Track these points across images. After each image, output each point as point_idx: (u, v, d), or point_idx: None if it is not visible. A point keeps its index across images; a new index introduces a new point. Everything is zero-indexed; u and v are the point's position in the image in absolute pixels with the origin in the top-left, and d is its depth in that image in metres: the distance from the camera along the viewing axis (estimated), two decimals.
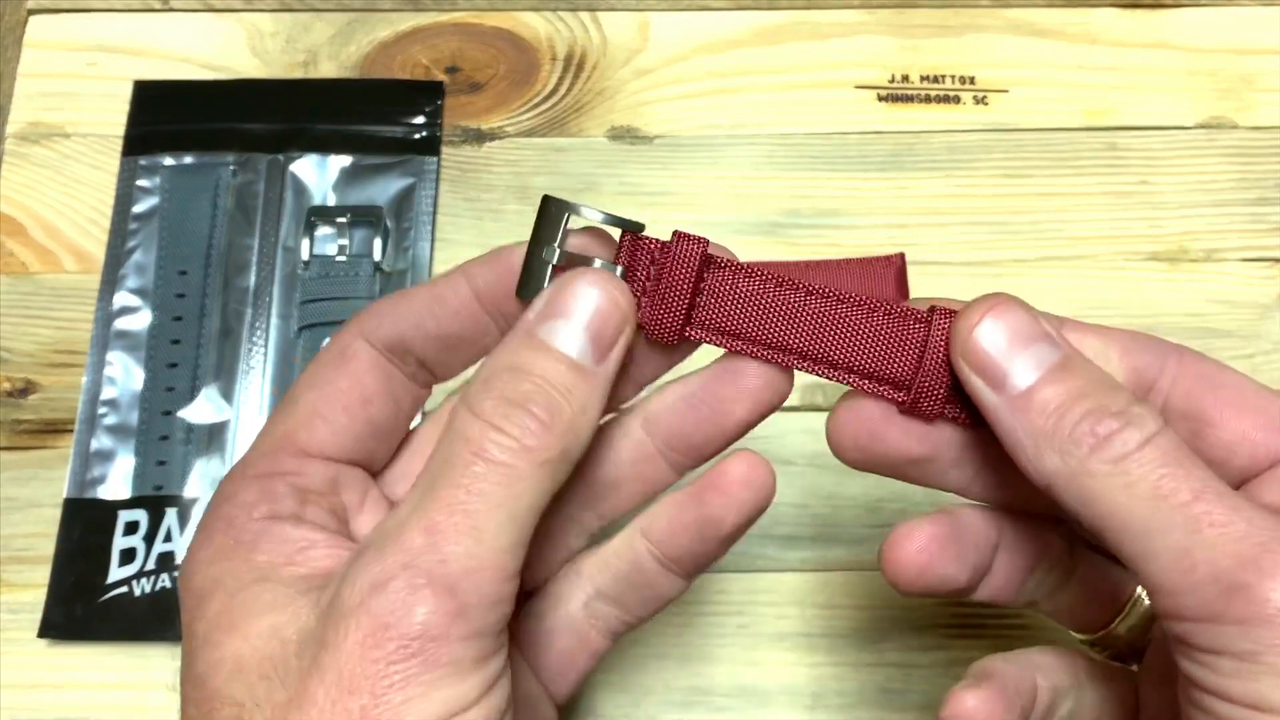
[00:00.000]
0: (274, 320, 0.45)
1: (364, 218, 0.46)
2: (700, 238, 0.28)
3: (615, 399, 0.29)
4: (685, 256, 0.28)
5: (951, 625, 0.42)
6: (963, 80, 0.50)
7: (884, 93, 0.49)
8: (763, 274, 0.28)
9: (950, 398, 0.28)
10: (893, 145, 0.49)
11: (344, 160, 0.48)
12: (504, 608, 0.24)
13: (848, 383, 0.28)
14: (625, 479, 0.30)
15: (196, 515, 0.43)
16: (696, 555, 0.30)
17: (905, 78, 0.50)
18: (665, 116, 0.49)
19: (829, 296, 0.28)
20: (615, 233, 0.29)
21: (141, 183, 0.47)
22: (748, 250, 0.47)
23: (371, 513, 0.29)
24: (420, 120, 0.49)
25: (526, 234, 0.48)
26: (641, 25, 0.51)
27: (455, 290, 0.29)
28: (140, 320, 0.45)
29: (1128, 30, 0.50)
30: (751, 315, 0.28)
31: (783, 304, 0.28)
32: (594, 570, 0.31)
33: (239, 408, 0.44)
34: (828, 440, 0.30)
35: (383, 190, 0.47)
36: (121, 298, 0.46)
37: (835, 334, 0.28)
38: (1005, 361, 0.26)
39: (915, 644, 0.41)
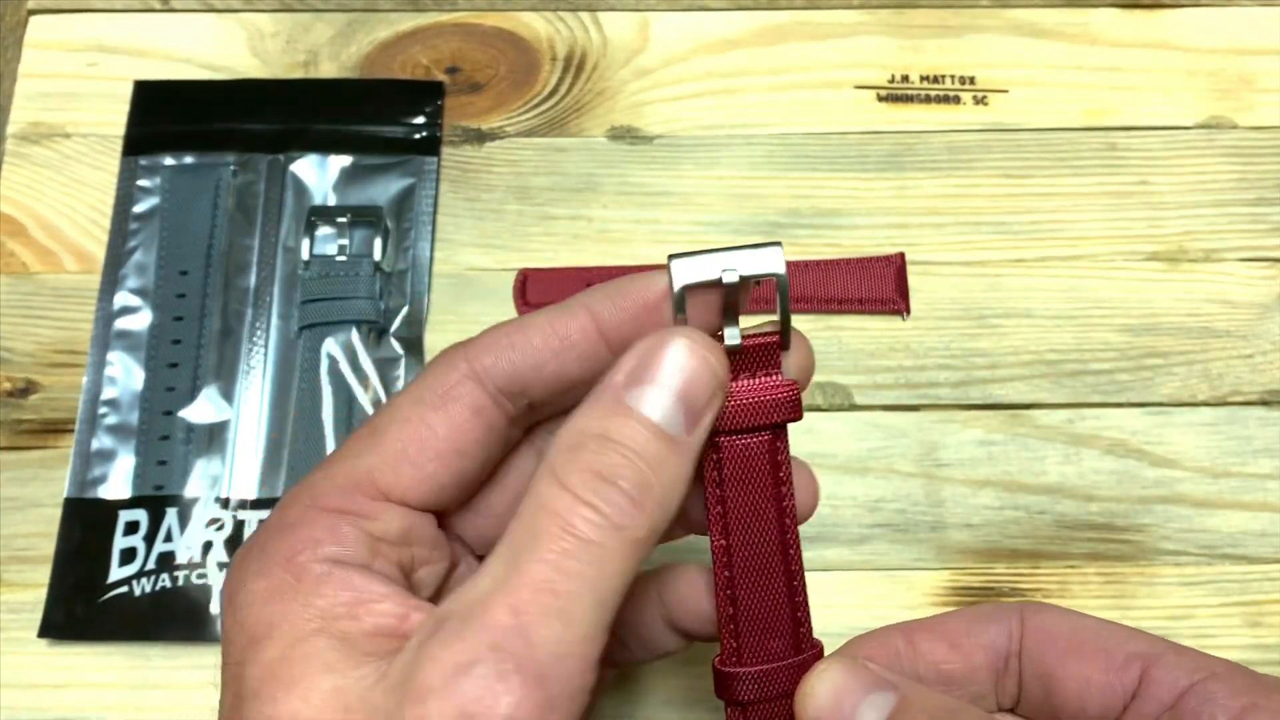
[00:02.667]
0: (274, 320, 0.45)
1: (364, 218, 0.46)
2: (799, 409, 0.27)
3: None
4: (775, 403, 0.27)
5: None
6: (963, 80, 0.50)
7: (884, 93, 0.49)
8: (782, 482, 0.28)
9: (746, 708, 0.28)
10: (892, 145, 0.49)
11: (344, 160, 0.48)
12: (585, 699, 0.23)
13: (719, 607, 0.28)
14: (644, 634, 0.31)
15: (197, 515, 0.43)
16: (697, 633, 0.30)
17: (905, 78, 0.50)
18: (665, 116, 0.49)
19: (784, 551, 0.28)
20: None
21: (142, 183, 0.47)
22: None
23: (438, 563, 0.27)
24: (420, 120, 0.49)
25: (526, 234, 0.48)
26: (641, 25, 0.51)
27: (579, 326, 0.26)
28: (141, 320, 0.45)
29: (1127, 30, 0.50)
30: (742, 489, 0.27)
31: (762, 513, 0.27)
32: None
33: (239, 408, 0.44)
34: None
35: (383, 190, 0.47)
36: (122, 298, 0.46)
37: (757, 574, 0.28)
38: None
39: None
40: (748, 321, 0.28)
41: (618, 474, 0.24)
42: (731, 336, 0.27)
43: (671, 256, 0.26)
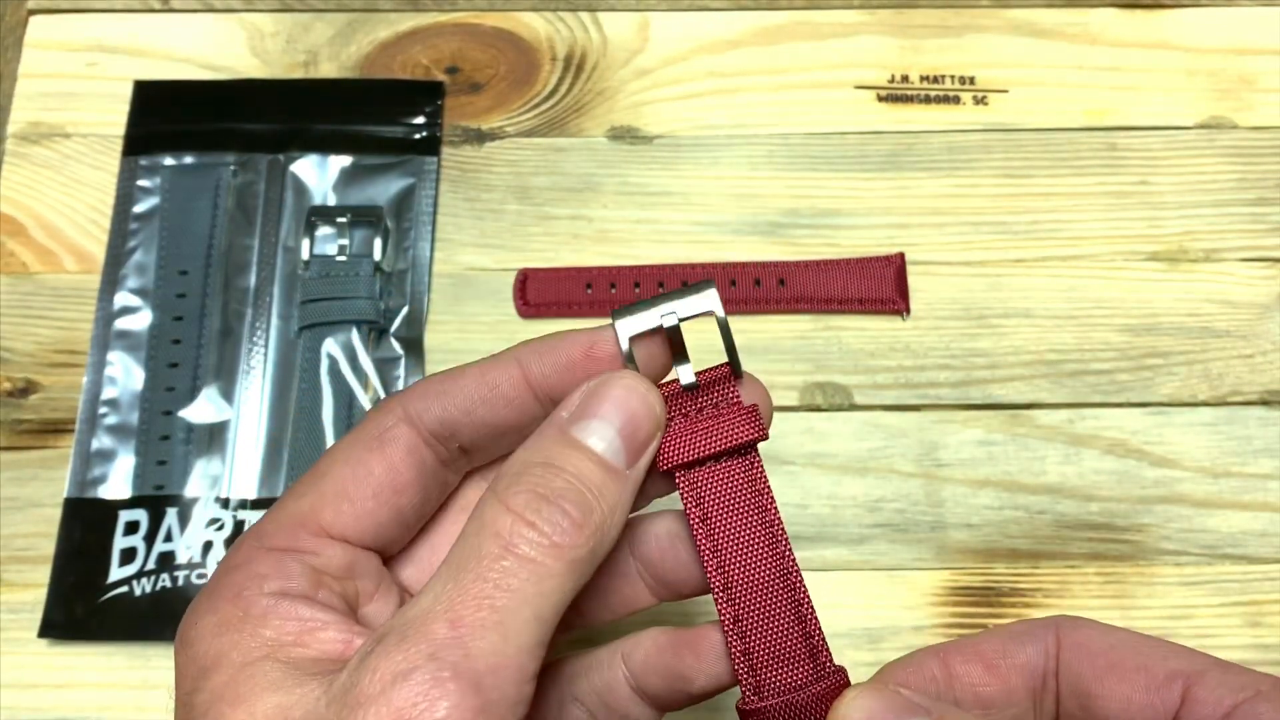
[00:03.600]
0: (274, 320, 0.45)
1: (364, 218, 0.46)
2: (763, 429, 0.28)
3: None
4: (737, 426, 0.28)
5: (951, 626, 0.42)
6: (962, 80, 0.50)
7: (884, 93, 0.49)
8: (765, 505, 0.28)
9: None
10: (892, 145, 0.49)
11: (344, 160, 0.48)
12: (522, 710, 0.24)
13: (728, 645, 0.28)
14: (605, 590, 0.30)
15: (197, 515, 0.43)
16: (664, 699, 0.30)
17: (905, 78, 0.50)
18: (665, 116, 0.49)
19: (784, 576, 0.28)
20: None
21: (142, 183, 0.47)
22: (748, 250, 0.47)
23: (384, 600, 0.28)
24: (420, 120, 0.49)
25: (526, 234, 0.48)
26: (641, 25, 0.51)
27: (508, 377, 0.28)
28: (141, 320, 0.45)
29: (1127, 30, 0.50)
30: (726, 519, 0.28)
31: (753, 540, 0.28)
32: (575, 674, 0.31)
33: (239, 407, 0.44)
34: None
35: (383, 190, 0.47)
36: (122, 298, 0.46)
37: (760, 605, 0.28)
38: None
39: (915, 644, 0.41)
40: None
41: (561, 496, 0.25)
42: (685, 374, 0.28)
43: (614, 313, 0.28)
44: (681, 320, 0.28)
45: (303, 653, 0.25)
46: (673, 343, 0.28)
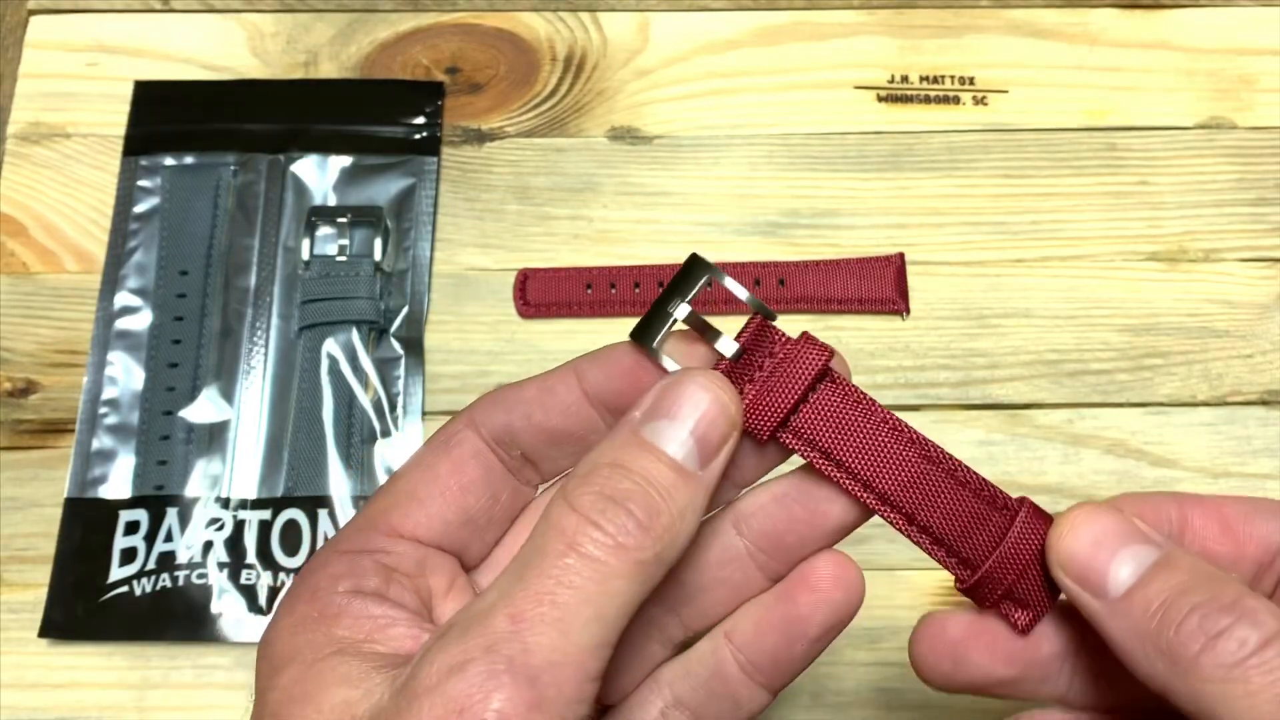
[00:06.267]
0: (274, 320, 0.45)
1: (364, 218, 0.46)
2: (827, 347, 0.27)
3: (712, 501, 0.29)
4: (804, 361, 0.27)
5: None
6: (962, 81, 0.50)
7: (884, 93, 0.49)
8: (870, 408, 0.27)
9: (1009, 594, 0.28)
10: (892, 145, 0.49)
11: (344, 160, 0.48)
12: (582, 709, 0.23)
13: (918, 542, 0.28)
14: (713, 582, 0.29)
15: (197, 515, 0.43)
16: (780, 660, 0.29)
17: (905, 78, 0.50)
18: (665, 116, 0.49)
19: (925, 454, 0.27)
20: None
21: (142, 183, 0.47)
22: (748, 250, 0.47)
23: (457, 600, 0.28)
24: (420, 120, 0.49)
25: (526, 234, 0.48)
26: (641, 25, 0.51)
27: (565, 385, 0.28)
28: (141, 320, 0.45)
29: (1127, 30, 0.51)
30: (847, 442, 0.27)
31: (880, 444, 0.27)
32: (675, 677, 0.30)
33: (239, 408, 0.44)
34: (912, 663, 0.29)
35: (383, 190, 0.47)
36: (122, 298, 0.46)
37: (920, 492, 0.27)
38: (1103, 566, 0.26)
39: None
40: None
41: (627, 497, 0.24)
42: (726, 347, 0.27)
43: (631, 334, 0.28)
44: (692, 305, 0.27)
45: (373, 648, 0.25)
46: (698, 328, 0.27)
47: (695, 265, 0.28)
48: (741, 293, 0.28)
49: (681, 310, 0.27)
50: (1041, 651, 0.28)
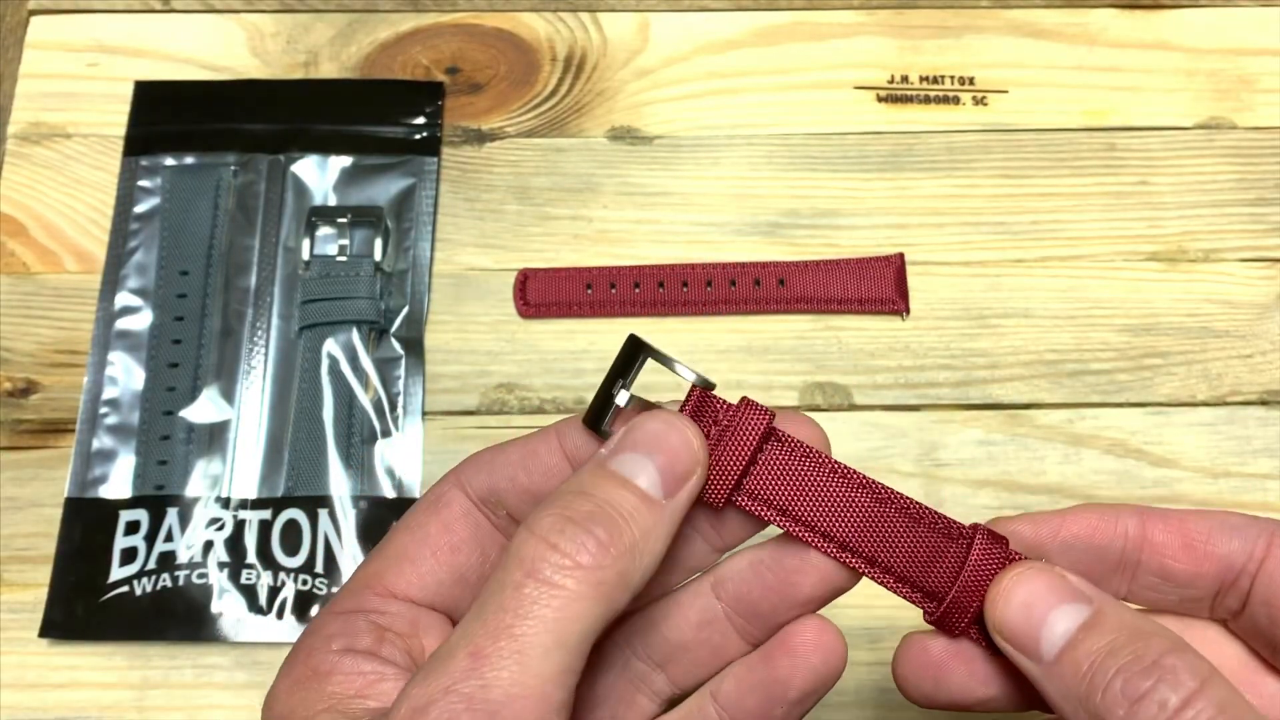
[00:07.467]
0: (275, 320, 0.45)
1: (364, 218, 0.46)
2: (767, 410, 0.28)
3: (695, 563, 0.29)
4: (748, 426, 0.28)
5: None
6: (962, 81, 0.50)
7: (883, 93, 0.50)
8: (818, 460, 0.28)
9: (977, 619, 0.28)
10: (892, 146, 0.49)
11: (344, 160, 0.48)
12: None
13: (882, 583, 0.28)
14: (695, 642, 0.30)
15: (197, 515, 0.43)
16: None
17: (904, 78, 0.50)
18: (665, 116, 0.49)
19: (876, 496, 0.28)
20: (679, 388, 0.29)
21: (143, 183, 0.47)
22: (748, 250, 0.47)
23: None
24: (420, 121, 0.49)
25: (526, 234, 0.48)
26: (641, 26, 0.51)
27: (547, 446, 0.29)
28: (141, 320, 0.45)
29: (1127, 30, 0.51)
30: (800, 498, 0.28)
31: (832, 494, 0.28)
32: None
33: (240, 408, 0.44)
34: (895, 681, 0.29)
35: (383, 190, 0.47)
36: (123, 298, 0.46)
37: (877, 534, 0.28)
38: (1035, 630, 0.26)
39: None
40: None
41: (587, 518, 0.25)
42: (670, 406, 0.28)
43: (583, 420, 0.29)
44: (630, 391, 0.28)
45: (363, 704, 0.26)
46: (642, 408, 0.28)
47: (634, 347, 0.29)
48: (686, 373, 0.28)
49: (623, 397, 0.28)
50: (1018, 671, 0.28)
